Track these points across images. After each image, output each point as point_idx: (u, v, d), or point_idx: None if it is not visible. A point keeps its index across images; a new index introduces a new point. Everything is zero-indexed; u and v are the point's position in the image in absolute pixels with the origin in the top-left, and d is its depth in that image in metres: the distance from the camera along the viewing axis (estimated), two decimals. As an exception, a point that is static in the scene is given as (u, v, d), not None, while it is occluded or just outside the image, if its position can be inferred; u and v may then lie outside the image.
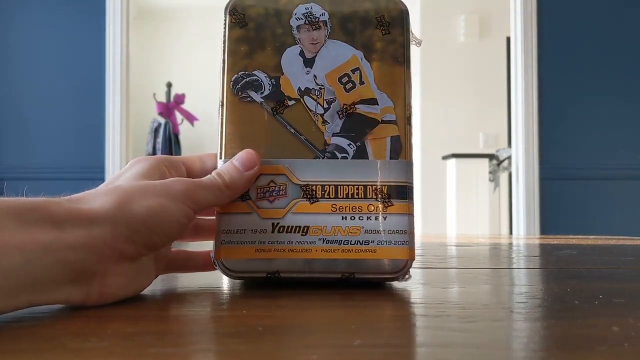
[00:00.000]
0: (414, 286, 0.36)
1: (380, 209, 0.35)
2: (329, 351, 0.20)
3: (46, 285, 0.25)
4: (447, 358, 0.19)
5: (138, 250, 0.29)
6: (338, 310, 0.29)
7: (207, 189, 0.32)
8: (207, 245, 0.38)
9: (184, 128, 4.25)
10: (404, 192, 0.35)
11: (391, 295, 0.33)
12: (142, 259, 0.30)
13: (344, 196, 0.35)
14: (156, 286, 0.35)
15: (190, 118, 4.13)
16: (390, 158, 0.35)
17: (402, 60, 0.37)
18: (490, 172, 3.41)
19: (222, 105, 0.36)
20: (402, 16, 0.37)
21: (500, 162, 3.38)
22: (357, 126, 0.36)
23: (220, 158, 0.35)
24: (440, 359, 0.19)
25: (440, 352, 0.20)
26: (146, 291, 0.33)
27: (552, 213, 2.42)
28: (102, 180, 2.37)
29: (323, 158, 0.35)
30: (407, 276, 0.34)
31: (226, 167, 0.34)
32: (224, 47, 0.37)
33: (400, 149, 0.36)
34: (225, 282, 0.36)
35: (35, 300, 0.25)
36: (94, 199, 0.28)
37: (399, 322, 0.26)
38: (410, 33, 0.37)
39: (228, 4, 0.37)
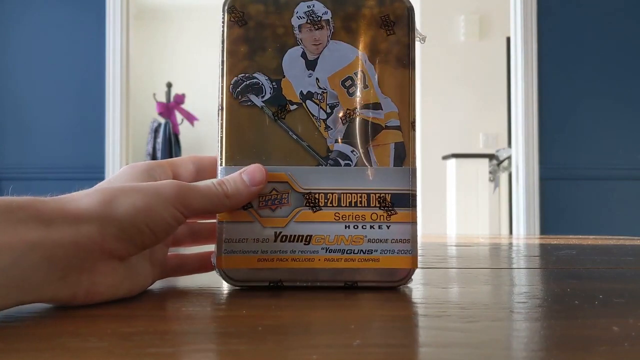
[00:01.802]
0: (414, 286, 0.36)
1: (384, 218, 0.34)
2: (329, 351, 0.20)
3: (34, 284, 0.25)
4: (448, 358, 0.19)
5: (127, 248, 0.29)
6: (338, 310, 0.29)
7: (203, 195, 0.31)
8: (200, 248, 0.38)
9: (184, 128, 4.25)
10: (407, 200, 0.34)
11: (391, 295, 0.33)
12: (134, 260, 0.30)
13: (347, 204, 0.34)
14: (156, 286, 0.35)
15: (190, 118, 4.13)
16: (394, 165, 0.35)
17: (407, 62, 0.35)
18: (490, 172, 3.41)
19: (222, 109, 0.35)
20: (408, 15, 0.36)
21: (500, 162, 3.37)
22: (361, 132, 0.35)
23: (221, 165, 0.34)
24: (440, 359, 0.19)
25: (440, 352, 0.20)
26: (146, 291, 0.33)
27: (552, 213, 2.42)
28: (102, 180, 2.38)
29: (326, 165, 0.35)
30: (408, 281, 0.35)
31: (232, 178, 0.33)
32: (223, 47, 0.35)
33: (405, 156, 0.35)
34: (225, 283, 0.36)
35: (23, 299, 0.25)
36: (81, 198, 0.28)
37: (399, 322, 0.26)
38: (415, 30, 0.36)
39: (226, 1, 0.36)
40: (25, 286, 0.24)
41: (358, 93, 0.35)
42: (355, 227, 0.34)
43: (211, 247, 0.35)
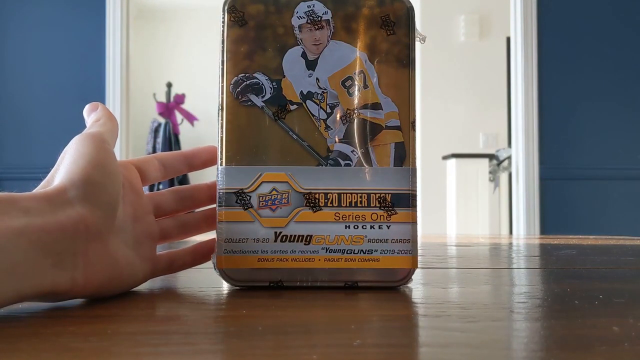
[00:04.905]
0: (414, 286, 0.36)
1: (384, 218, 0.34)
2: (329, 351, 0.20)
3: (28, 271, 0.25)
4: (448, 358, 0.19)
5: (103, 211, 0.29)
6: (338, 310, 0.29)
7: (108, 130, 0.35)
8: (188, 243, 0.38)
9: (184, 128, 4.25)
10: (407, 200, 0.34)
11: (391, 295, 0.33)
12: (121, 252, 0.30)
13: (347, 204, 0.34)
14: (156, 285, 0.35)
15: (190, 118, 4.13)
16: (394, 165, 0.35)
17: (407, 62, 0.35)
18: (490, 172, 3.41)
19: (222, 109, 0.35)
20: (408, 15, 0.36)
21: (500, 162, 3.38)
22: (361, 132, 0.35)
23: (221, 165, 0.35)
24: (440, 359, 0.19)
25: (440, 352, 0.20)
26: (146, 291, 0.33)
27: (552, 213, 2.42)
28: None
29: (326, 165, 0.35)
30: (408, 281, 0.35)
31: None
32: (223, 47, 0.35)
33: (405, 156, 0.35)
34: (225, 283, 0.36)
35: (22, 289, 0.24)
36: (49, 185, 0.29)
37: (399, 322, 0.26)
38: (415, 30, 0.36)
39: (226, 1, 0.36)
40: (19, 273, 0.24)
41: (358, 93, 0.35)
42: (356, 227, 0.34)
43: (201, 238, 0.35)
